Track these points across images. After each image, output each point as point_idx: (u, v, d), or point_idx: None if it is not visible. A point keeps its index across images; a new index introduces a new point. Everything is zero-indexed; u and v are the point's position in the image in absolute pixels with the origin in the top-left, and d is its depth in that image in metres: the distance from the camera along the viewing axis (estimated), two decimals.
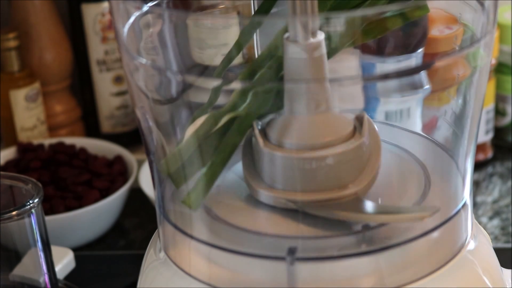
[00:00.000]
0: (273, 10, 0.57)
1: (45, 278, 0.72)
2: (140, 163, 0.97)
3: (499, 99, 1.04)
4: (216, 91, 0.54)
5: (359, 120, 0.55)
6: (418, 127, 0.68)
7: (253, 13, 0.61)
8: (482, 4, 0.54)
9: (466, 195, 0.56)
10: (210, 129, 0.54)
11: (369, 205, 0.52)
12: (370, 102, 0.55)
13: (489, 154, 1.03)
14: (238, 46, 0.55)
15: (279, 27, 0.53)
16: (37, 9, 1.04)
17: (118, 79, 1.07)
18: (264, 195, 0.53)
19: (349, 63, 0.57)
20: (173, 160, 0.55)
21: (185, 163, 0.55)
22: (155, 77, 0.54)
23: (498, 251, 0.58)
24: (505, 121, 1.05)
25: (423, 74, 0.53)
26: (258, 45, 0.60)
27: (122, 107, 1.08)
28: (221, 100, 0.54)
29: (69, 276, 0.80)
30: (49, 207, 0.90)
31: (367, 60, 0.58)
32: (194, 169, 0.55)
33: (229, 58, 0.56)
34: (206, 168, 0.54)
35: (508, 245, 0.91)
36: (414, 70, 0.52)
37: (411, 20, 0.53)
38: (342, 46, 0.53)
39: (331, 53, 0.52)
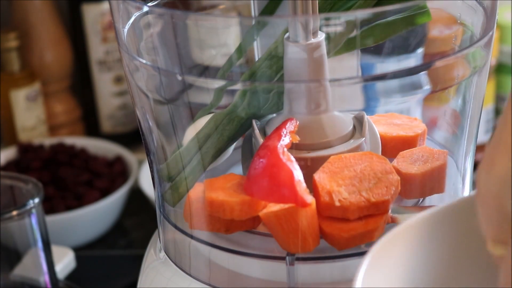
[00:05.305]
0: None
1: (45, 278, 0.72)
2: (140, 163, 0.97)
3: (499, 99, 1.04)
4: (219, 92, 0.54)
5: (359, 120, 0.55)
6: None
7: (253, 13, 0.61)
8: (481, 4, 0.54)
9: (466, 195, 0.56)
10: (210, 132, 0.54)
11: None
12: (370, 102, 0.55)
13: None
14: (241, 48, 0.55)
15: (280, 29, 0.53)
16: (37, 9, 1.04)
17: (118, 79, 1.07)
18: None
19: (349, 63, 0.57)
20: (174, 164, 0.55)
21: (186, 166, 0.55)
22: (156, 77, 0.54)
23: None
24: None
25: (423, 74, 0.53)
26: (258, 46, 0.60)
27: (122, 107, 1.08)
28: (221, 101, 0.54)
29: (70, 276, 0.80)
30: (50, 207, 0.90)
31: (367, 60, 0.58)
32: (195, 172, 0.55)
33: (231, 61, 0.56)
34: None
35: None
36: (414, 70, 0.52)
37: (413, 26, 0.53)
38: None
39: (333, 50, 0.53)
